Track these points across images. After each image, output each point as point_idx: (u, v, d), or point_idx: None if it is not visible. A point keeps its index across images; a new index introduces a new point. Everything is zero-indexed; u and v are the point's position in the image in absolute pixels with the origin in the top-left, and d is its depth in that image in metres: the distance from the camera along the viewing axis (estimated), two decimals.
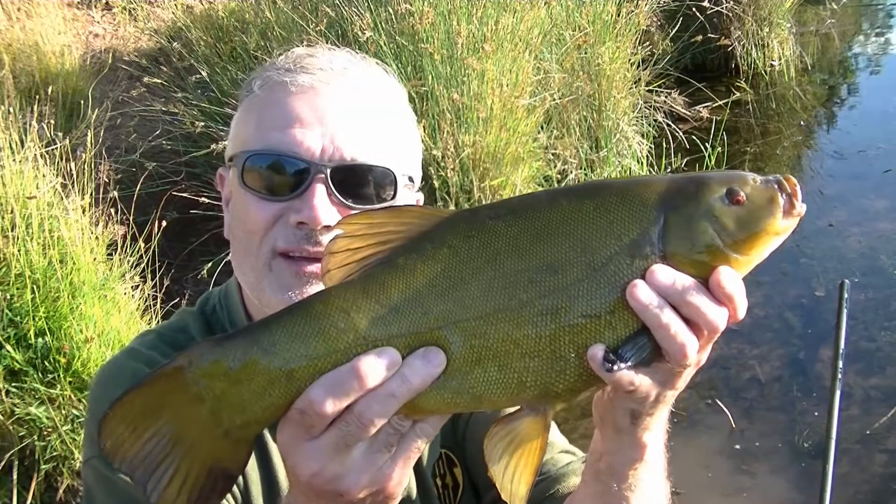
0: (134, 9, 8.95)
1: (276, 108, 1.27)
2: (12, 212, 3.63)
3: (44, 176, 3.95)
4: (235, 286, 1.41)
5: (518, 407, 0.96)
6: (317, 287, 1.22)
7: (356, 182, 1.25)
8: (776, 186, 0.94)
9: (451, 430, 1.46)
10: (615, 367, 0.89)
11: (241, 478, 1.30)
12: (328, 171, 1.23)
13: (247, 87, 1.35)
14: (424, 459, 1.43)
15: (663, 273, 0.90)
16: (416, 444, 0.95)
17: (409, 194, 1.34)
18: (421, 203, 1.41)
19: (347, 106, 1.27)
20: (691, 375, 0.98)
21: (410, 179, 1.35)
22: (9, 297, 3.48)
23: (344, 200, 1.24)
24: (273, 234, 1.25)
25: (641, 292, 0.89)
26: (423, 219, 0.94)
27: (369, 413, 0.90)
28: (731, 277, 0.91)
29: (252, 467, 1.32)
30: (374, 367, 0.89)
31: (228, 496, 1.28)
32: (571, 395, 0.94)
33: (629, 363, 0.90)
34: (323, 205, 1.22)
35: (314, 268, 1.23)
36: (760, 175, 0.96)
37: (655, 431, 1.06)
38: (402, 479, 0.97)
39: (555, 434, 1.50)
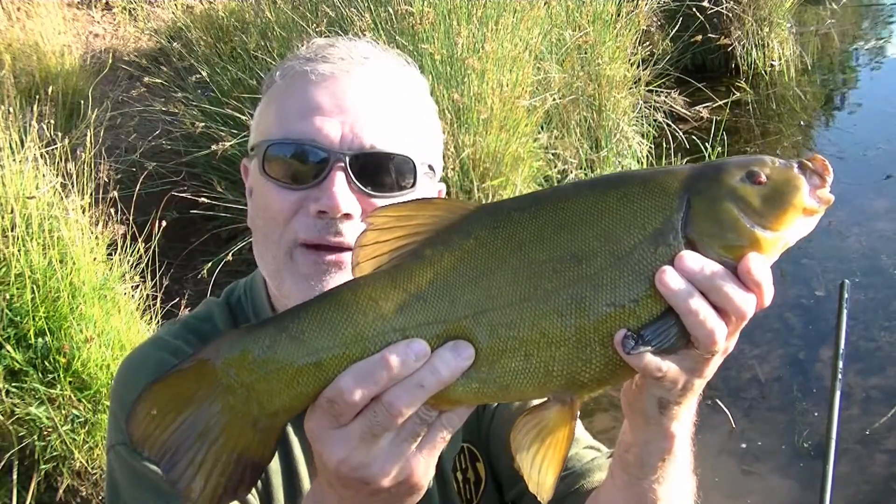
0: (134, 9, 8.95)
1: (296, 96, 1.28)
2: (12, 212, 3.63)
3: (44, 176, 3.95)
4: (261, 277, 1.41)
5: (545, 398, 0.97)
6: (337, 277, 1.23)
7: (375, 169, 1.25)
8: (796, 165, 0.96)
9: (475, 424, 1.46)
10: (635, 349, 0.90)
11: (263, 475, 1.31)
12: (347, 158, 1.23)
13: (270, 78, 1.36)
14: (444, 452, 1.43)
15: (692, 259, 0.90)
16: (443, 434, 0.96)
17: (429, 183, 1.35)
18: (443, 193, 1.42)
19: (367, 94, 1.27)
20: (718, 364, 0.98)
21: (431, 168, 1.35)
22: (9, 297, 3.48)
23: (363, 188, 1.24)
24: (294, 225, 1.25)
25: (670, 278, 0.89)
26: (449, 211, 0.95)
27: (398, 403, 0.91)
28: (759, 264, 0.91)
29: (275, 471, 1.33)
30: (403, 358, 0.90)
31: (252, 490, 1.29)
32: (598, 385, 0.94)
33: (652, 345, 0.90)
34: (343, 193, 1.22)
35: (334, 257, 1.24)
36: (779, 158, 0.97)
37: (684, 422, 1.06)
38: (428, 470, 0.98)
39: (579, 430, 1.50)
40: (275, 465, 1.33)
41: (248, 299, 1.43)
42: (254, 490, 1.30)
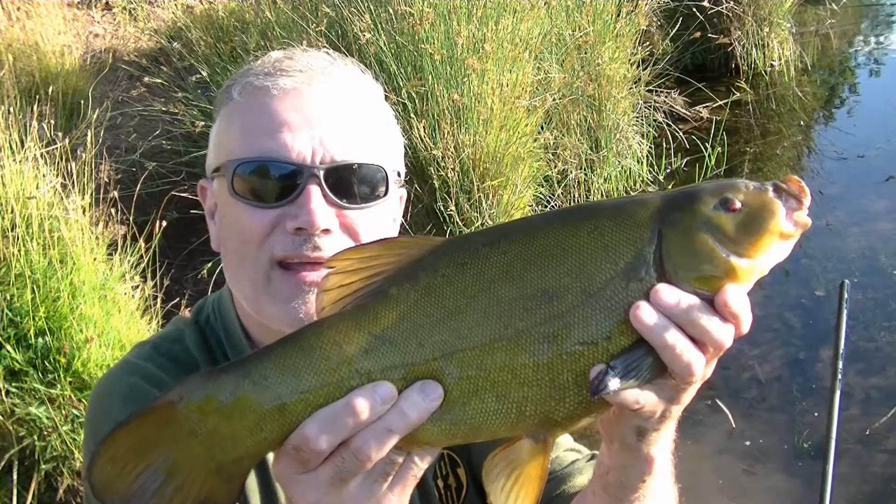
0: (134, 9, 8.96)
1: (260, 113, 1.24)
2: (12, 212, 3.63)
3: (44, 176, 3.95)
4: (229, 294, 1.39)
5: (518, 436, 0.95)
6: None
7: (349, 182, 1.24)
8: (771, 188, 0.92)
9: None
10: (603, 385, 0.87)
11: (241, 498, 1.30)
12: (321, 172, 1.21)
13: (225, 95, 1.32)
14: None
15: (667, 293, 0.88)
16: (413, 473, 0.95)
17: (397, 190, 1.34)
18: (404, 198, 1.41)
19: (332, 106, 1.25)
20: (696, 390, 0.96)
21: (399, 175, 1.34)
22: (9, 297, 3.48)
23: (339, 201, 1.22)
24: (270, 243, 1.22)
25: (644, 313, 0.87)
26: (415, 248, 0.93)
27: (366, 448, 0.89)
28: (736, 295, 0.88)
29: (252, 489, 1.31)
30: (370, 403, 0.88)
31: None
32: (572, 423, 0.92)
33: (620, 377, 0.88)
34: (320, 208, 1.20)
35: (315, 276, 1.21)
36: (753, 182, 0.94)
37: (663, 445, 1.04)
38: None
39: None
40: (251, 485, 1.31)
41: (217, 319, 1.40)
42: None
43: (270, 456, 1.30)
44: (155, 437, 0.92)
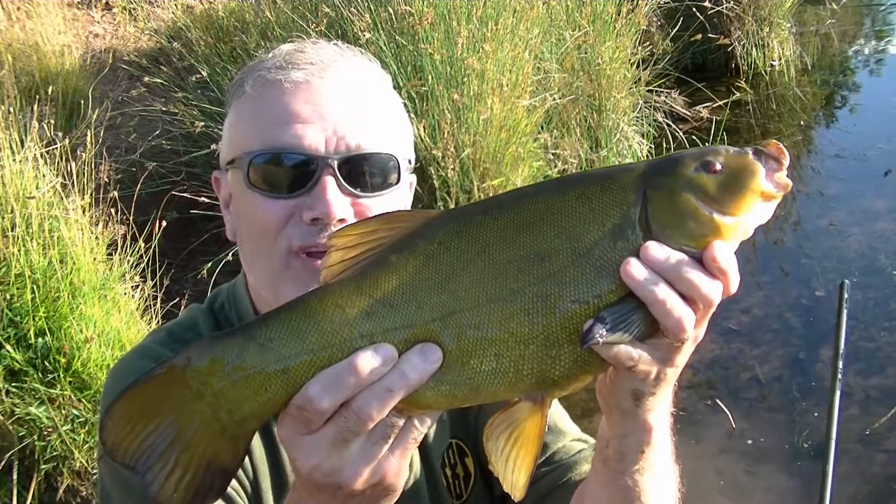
0: (134, 9, 8.96)
1: (273, 106, 1.27)
2: (12, 212, 3.64)
3: (44, 176, 3.96)
4: (243, 283, 1.42)
5: (516, 398, 0.98)
6: None
7: (363, 171, 1.27)
8: (751, 151, 0.96)
9: (461, 419, 1.47)
10: (590, 334, 0.90)
11: (250, 469, 1.33)
12: (335, 162, 1.24)
13: (237, 88, 1.35)
14: (432, 448, 1.43)
15: (656, 249, 0.91)
16: (414, 435, 0.97)
17: (408, 177, 1.37)
18: (413, 185, 1.44)
19: (344, 96, 1.28)
20: (689, 353, 0.99)
21: (409, 162, 1.37)
22: (9, 297, 3.48)
23: (353, 190, 1.25)
24: (287, 233, 1.25)
25: (635, 269, 0.90)
26: (413, 220, 0.97)
27: (367, 409, 0.91)
28: (724, 251, 0.92)
29: (261, 459, 1.34)
30: (370, 364, 0.91)
31: (238, 488, 1.30)
32: (568, 382, 0.95)
33: (613, 330, 0.91)
34: (336, 198, 1.23)
35: None
36: (733, 146, 0.98)
37: (660, 413, 1.06)
38: (402, 470, 0.98)
39: (567, 423, 1.52)
40: (263, 468, 1.33)
41: (231, 305, 1.43)
42: (240, 487, 1.30)
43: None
44: (163, 398, 0.96)
